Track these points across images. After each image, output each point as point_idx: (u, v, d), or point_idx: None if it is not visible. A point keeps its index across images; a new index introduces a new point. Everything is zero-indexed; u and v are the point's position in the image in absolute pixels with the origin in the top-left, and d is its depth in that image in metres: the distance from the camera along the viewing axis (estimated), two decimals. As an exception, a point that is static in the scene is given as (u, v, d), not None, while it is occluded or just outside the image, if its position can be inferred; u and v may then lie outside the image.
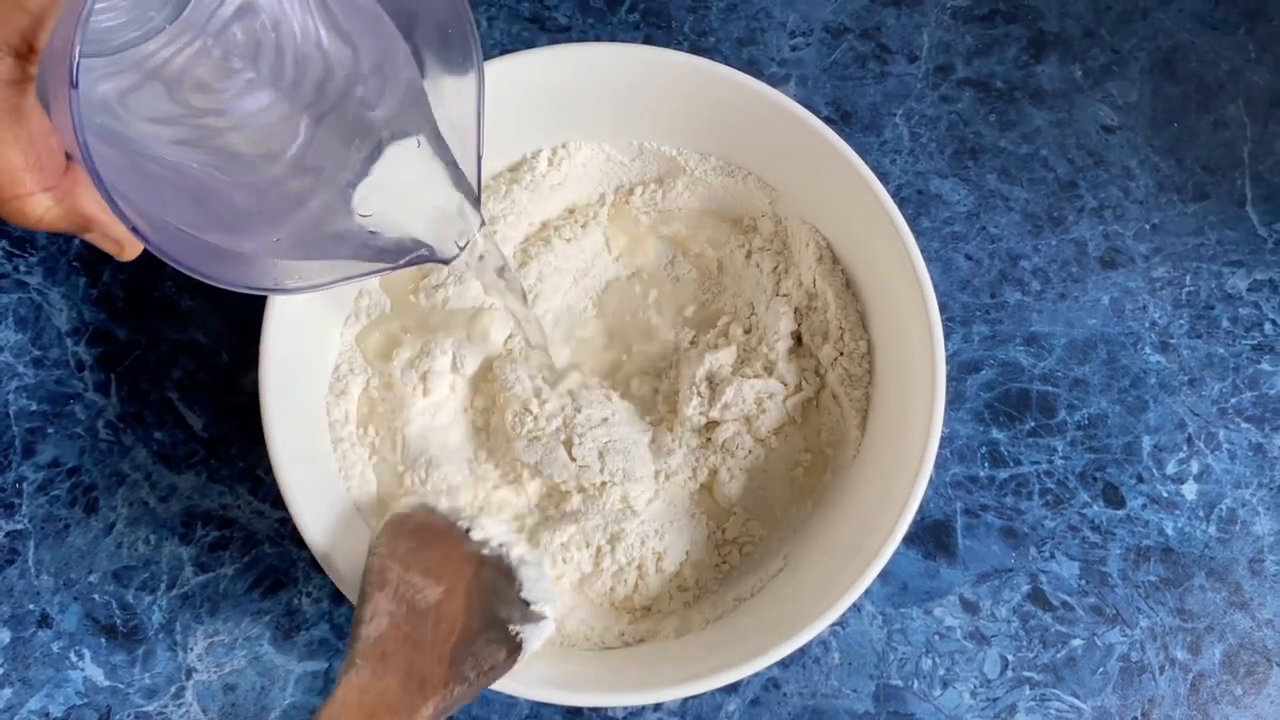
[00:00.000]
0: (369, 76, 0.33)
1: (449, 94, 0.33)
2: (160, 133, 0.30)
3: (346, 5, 0.32)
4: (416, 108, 0.33)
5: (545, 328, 0.49)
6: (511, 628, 0.41)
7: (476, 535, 0.45)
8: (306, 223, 0.33)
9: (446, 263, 0.35)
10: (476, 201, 0.35)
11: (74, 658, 0.48)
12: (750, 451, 0.49)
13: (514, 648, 0.41)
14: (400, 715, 0.37)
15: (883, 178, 0.47)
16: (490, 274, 0.39)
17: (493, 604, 0.42)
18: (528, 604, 0.43)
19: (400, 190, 0.34)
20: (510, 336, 0.49)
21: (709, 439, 0.49)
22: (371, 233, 0.34)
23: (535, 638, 0.42)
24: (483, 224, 0.36)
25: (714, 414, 0.48)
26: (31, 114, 0.28)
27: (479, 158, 0.34)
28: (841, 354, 0.49)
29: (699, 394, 0.48)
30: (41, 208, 0.29)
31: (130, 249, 0.33)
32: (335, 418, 0.47)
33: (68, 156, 0.29)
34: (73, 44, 0.24)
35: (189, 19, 0.29)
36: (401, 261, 0.34)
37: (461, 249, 0.36)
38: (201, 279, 0.29)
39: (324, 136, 0.32)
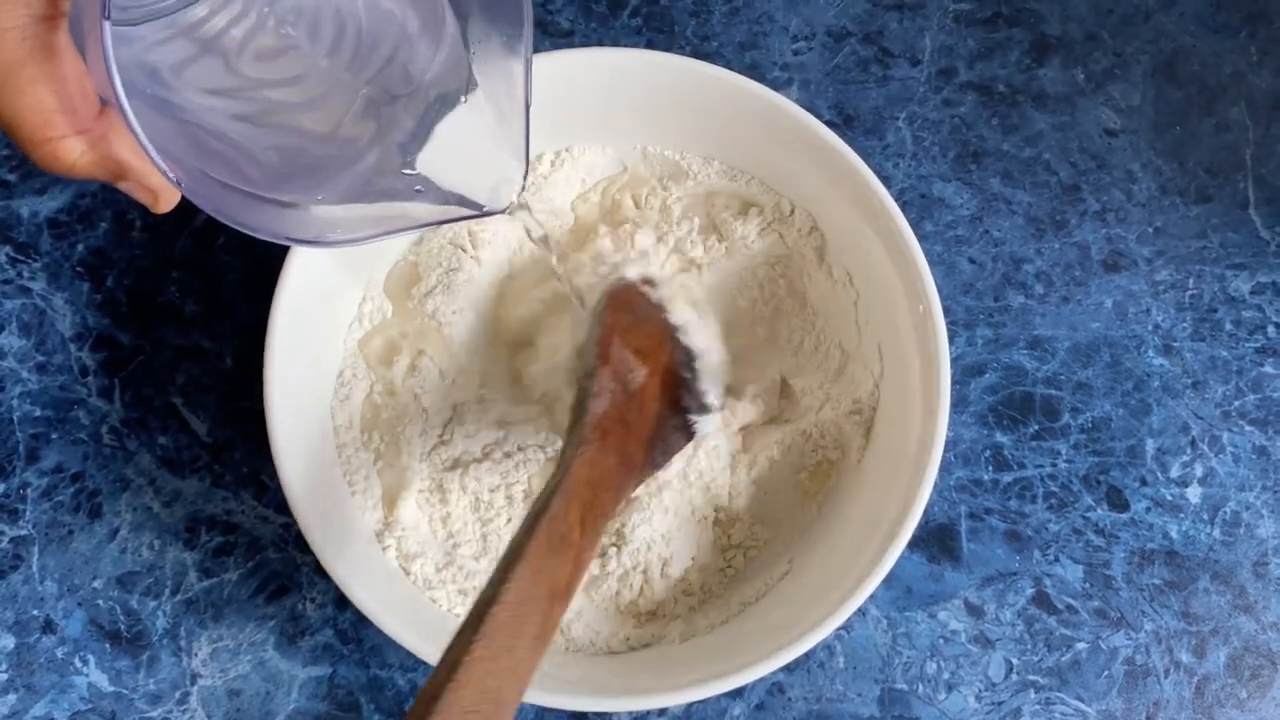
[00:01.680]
0: (416, 38, 0.33)
1: (496, 49, 0.33)
2: (215, 104, 0.29)
3: None
4: (464, 68, 0.33)
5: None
6: (690, 417, 0.44)
7: (673, 319, 0.46)
8: (354, 180, 0.32)
9: (492, 214, 0.35)
10: (524, 156, 0.34)
11: (78, 664, 0.48)
12: (755, 462, 0.49)
13: (689, 435, 0.45)
14: (613, 492, 0.39)
15: (885, 181, 0.47)
16: (530, 221, 0.39)
17: (679, 391, 0.44)
18: (703, 393, 0.45)
19: (446, 146, 0.33)
20: None
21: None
22: (417, 190, 0.33)
23: (705, 427, 0.45)
24: (524, 184, 0.35)
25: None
26: (64, 53, 0.26)
27: (527, 109, 0.34)
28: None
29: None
30: (76, 153, 0.28)
31: (165, 200, 0.31)
32: (340, 423, 0.47)
33: (103, 102, 0.28)
34: None
35: None
36: (446, 217, 0.34)
37: (506, 204, 0.35)
38: (240, 228, 0.28)
39: (374, 98, 0.32)
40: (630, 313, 0.45)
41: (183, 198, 0.29)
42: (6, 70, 0.25)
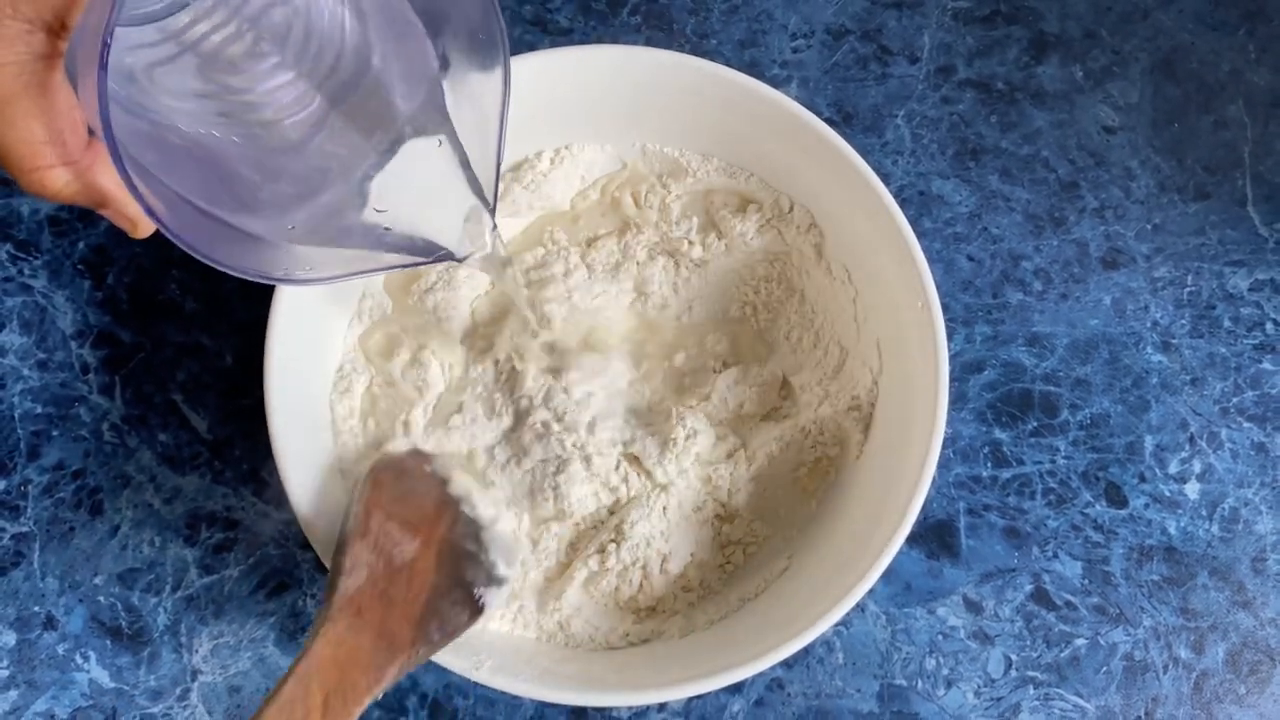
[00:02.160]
0: (394, 70, 0.33)
1: (473, 93, 0.33)
2: (185, 107, 0.30)
3: (378, 3, 0.32)
4: (439, 107, 0.33)
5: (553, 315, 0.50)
6: (476, 590, 0.42)
7: (453, 490, 0.45)
8: (322, 211, 0.33)
9: (459, 261, 0.35)
10: (491, 205, 0.35)
11: (79, 660, 0.48)
12: (754, 458, 0.49)
13: (476, 610, 0.42)
14: (369, 673, 0.37)
15: (884, 179, 0.47)
16: (496, 269, 0.39)
17: (461, 564, 0.43)
18: (492, 565, 0.44)
19: (416, 189, 0.34)
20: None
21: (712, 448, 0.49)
22: (386, 229, 0.34)
23: (495, 601, 0.43)
24: (494, 227, 0.36)
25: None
26: (58, 89, 0.28)
27: (498, 161, 0.34)
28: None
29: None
30: (60, 181, 0.29)
31: (143, 227, 0.33)
32: (339, 414, 0.47)
33: (91, 131, 0.29)
34: (105, 27, 0.24)
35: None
36: (412, 260, 0.34)
37: (473, 251, 0.36)
38: (212, 264, 0.29)
39: (345, 125, 0.32)
40: (399, 484, 0.44)
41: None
42: (2, 103, 0.27)
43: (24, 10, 0.26)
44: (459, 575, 0.42)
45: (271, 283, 0.33)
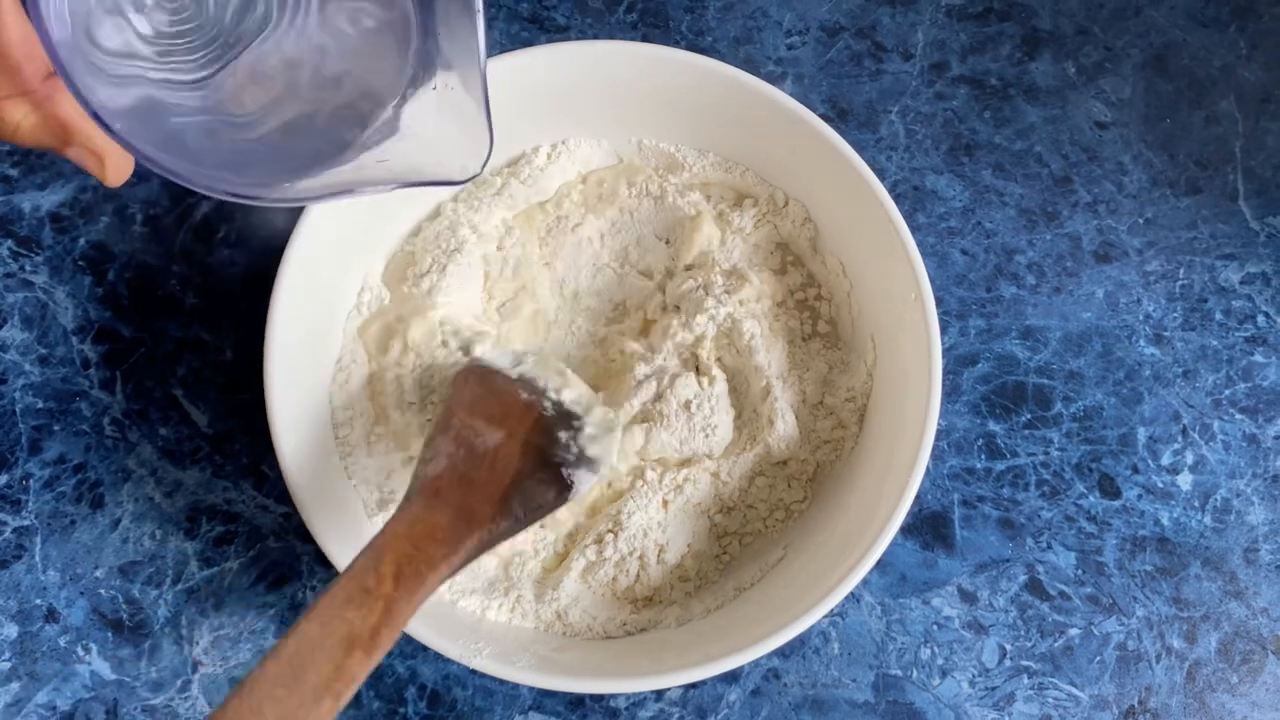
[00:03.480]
0: (396, 20, 0.33)
1: (458, 31, 0.33)
2: (170, 76, 0.29)
3: None
4: (431, 60, 0.34)
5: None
6: (565, 470, 0.43)
7: (540, 384, 0.46)
8: (314, 153, 0.33)
9: (460, 183, 0.35)
10: (488, 127, 0.35)
11: (81, 652, 0.48)
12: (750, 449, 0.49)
13: (564, 488, 0.43)
14: (446, 545, 0.38)
15: (879, 174, 0.47)
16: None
17: (549, 448, 0.44)
18: (583, 448, 0.45)
19: (416, 118, 0.34)
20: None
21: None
22: (382, 160, 0.34)
23: (585, 482, 0.44)
24: (491, 149, 0.36)
25: (690, 332, 0.49)
26: (8, 15, 0.27)
27: (484, 87, 0.34)
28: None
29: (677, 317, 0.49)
30: (19, 114, 0.28)
31: (112, 167, 0.31)
32: (338, 406, 0.48)
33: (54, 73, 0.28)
34: None
35: None
36: (408, 180, 0.34)
37: (476, 171, 0.36)
38: (188, 184, 0.28)
39: (340, 110, 0.33)
40: (483, 386, 0.45)
41: (136, 167, 0.29)
42: None
43: None
44: (546, 458, 0.44)
45: (259, 203, 0.32)
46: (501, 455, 0.43)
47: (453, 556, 0.39)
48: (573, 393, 0.46)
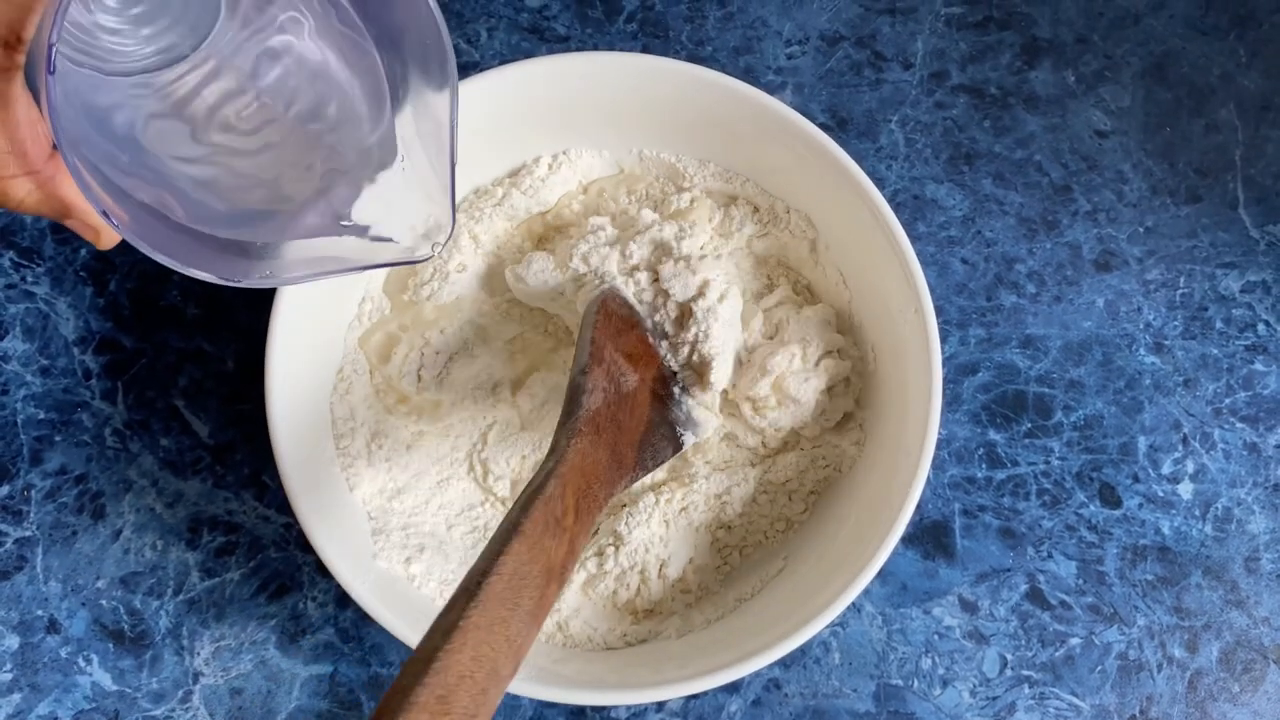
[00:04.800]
0: (367, 102, 0.34)
1: (431, 107, 0.34)
2: (177, 160, 0.31)
3: (343, 35, 0.33)
4: (398, 128, 0.34)
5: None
6: (678, 429, 0.46)
7: (657, 339, 0.47)
8: (293, 229, 0.33)
9: (418, 263, 0.36)
10: (451, 208, 0.35)
11: (82, 663, 0.48)
12: (751, 463, 0.49)
13: (677, 445, 0.46)
14: (606, 485, 0.40)
15: (879, 183, 0.47)
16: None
17: (667, 403, 0.46)
18: (690, 409, 0.46)
19: (381, 197, 0.35)
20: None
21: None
22: (351, 236, 0.35)
23: (690, 439, 0.46)
24: (453, 229, 0.36)
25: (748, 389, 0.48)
26: (17, 101, 0.28)
27: (452, 166, 0.35)
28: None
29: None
30: (23, 191, 0.30)
31: (107, 237, 0.33)
32: (339, 416, 0.48)
33: (54, 146, 0.30)
34: (50, 30, 0.25)
35: (211, 48, 0.30)
36: (378, 261, 0.35)
37: (432, 254, 0.36)
38: (178, 268, 0.29)
39: (326, 158, 0.33)
40: (620, 319, 0.46)
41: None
42: None
43: None
44: (665, 413, 0.45)
45: (239, 286, 0.33)
46: (638, 400, 0.44)
47: (606, 501, 0.39)
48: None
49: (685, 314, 0.47)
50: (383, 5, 0.33)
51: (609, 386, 0.43)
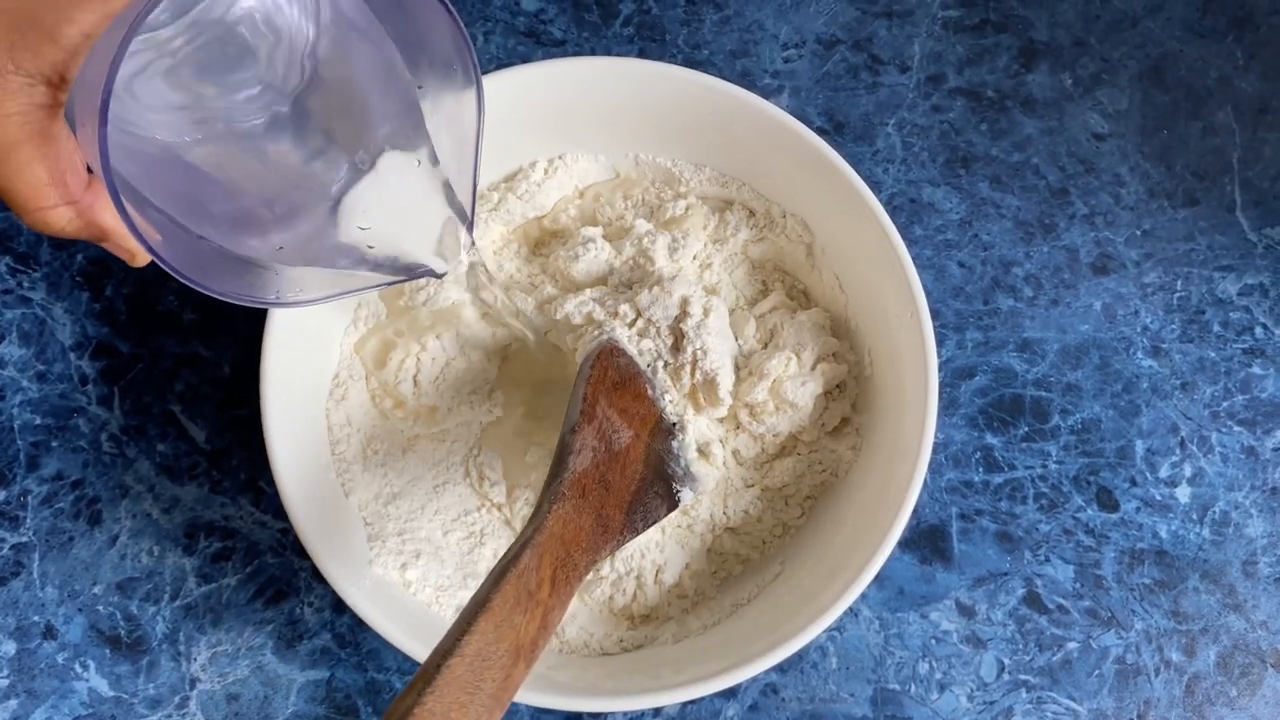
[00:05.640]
0: (370, 89, 0.34)
1: (450, 115, 0.35)
2: (163, 119, 0.31)
3: (349, 23, 0.33)
4: (416, 125, 0.34)
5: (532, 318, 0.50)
6: (674, 485, 0.44)
7: (658, 391, 0.46)
8: (306, 229, 0.34)
9: (438, 276, 0.37)
10: (469, 221, 0.36)
11: (79, 669, 0.48)
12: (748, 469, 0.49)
13: (672, 504, 0.44)
14: (587, 554, 0.39)
15: (875, 187, 0.47)
16: (477, 279, 0.41)
17: (665, 459, 0.44)
18: (689, 463, 0.45)
19: (396, 207, 0.35)
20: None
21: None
22: (369, 248, 0.35)
23: (688, 496, 0.45)
24: (473, 243, 0.37)
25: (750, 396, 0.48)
26: (59, 136, 0.30)
27: (474, 179, 0.35)
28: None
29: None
30: (64, 219, 0.31)
31: (140, 258, 0.35)
32: (335, 422, 0.48)
33: (89, 170, 0.32)
34: (105, 85, 0.26)
35: (201, 14, 0.30)
36: (397, 276, 0.35)
37: (450, 268, 0.37)
38: (206, 292, 0.31)
39: (328, 147, 0.33)
40: (617, 372, 0.45)
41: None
42: (7, 149, 0.29)
43: (26, 66, 0.28)
44: (662, 469, 0.44)
45: (263, 306, 0.34)
46: (631, 458, 0.43)
47: (588, 569, 0.38)
48: (676, 410, 0.46)
49: (678, 336, 0.46)
50: (401, 11, 0.33)
51: (599, 445, 0.42)
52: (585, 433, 0.41)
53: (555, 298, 0.49)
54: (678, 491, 0.44)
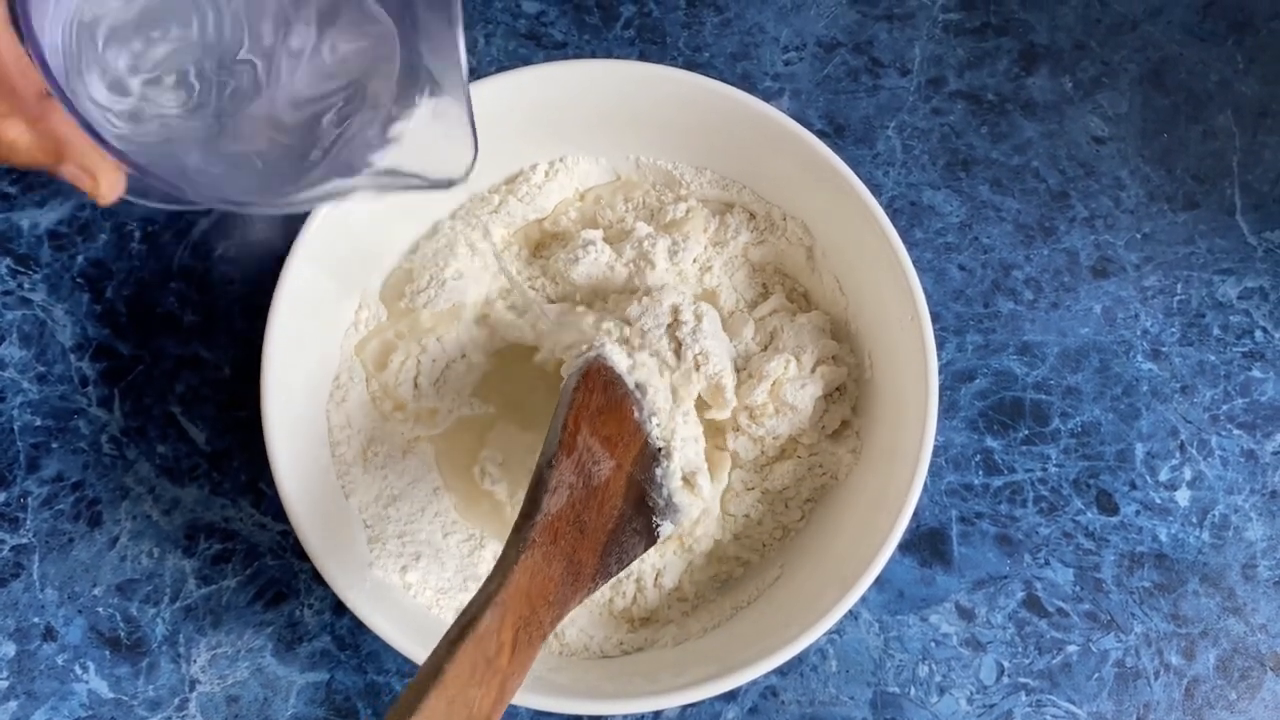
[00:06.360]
0: (386, 50, 0.34)
1: (440, 48, 0.34)
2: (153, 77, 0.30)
3: None
4: (417, 70, 0.34)
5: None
6: (655, 519, 0.41)
7: (646, 409, 0.43)
8: (304, 166, 0.33)
9: (448, 187, 0.35)
10: (473, 134, 0.35)
11: (78, 670, 0.48)
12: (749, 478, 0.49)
13: (650, 540, 0.41)
14: (553, 608, 0.36)
15: (875, 190, 0.48)
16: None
17: (646, 490, 0.41)
18: (671, 494, 0.42)
19: (401, 135, 0.34)
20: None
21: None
22: (369, 170, 0.34)
23: (667, 529, 0.41)
24: (476, 153, 0.36)
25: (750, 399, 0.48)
26: (1, 36, 0.28)
27: (467, 95, 0.34)
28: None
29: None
30: (14, 132, 0.29)
31: (105, 183, 0.31)
32: (335, 424, 0.48)
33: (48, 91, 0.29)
34: None
35: None
36: (395, 185, 0.34)
37: (456, 180, 0.36)
38: (182, 195, 0.29)
39: (344, 101, 0.33)
40: (606, 394, 0.42)
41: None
42: None
43: None
44: (642, 502, 0.41)
45: (246, 210, 0.31)
46: (610, 493, 0.39)
47: (555, 625, 0.36)
48: (669, 424, 0.42)
49: (677, 344, 0.45)
50: None
51: (576, 481, 0.39)
52: (563, 467, 0.39)
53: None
54: (657, 525, 0.41)
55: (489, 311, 0.50)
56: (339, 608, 0.49)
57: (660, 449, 0.43)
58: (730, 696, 0.50)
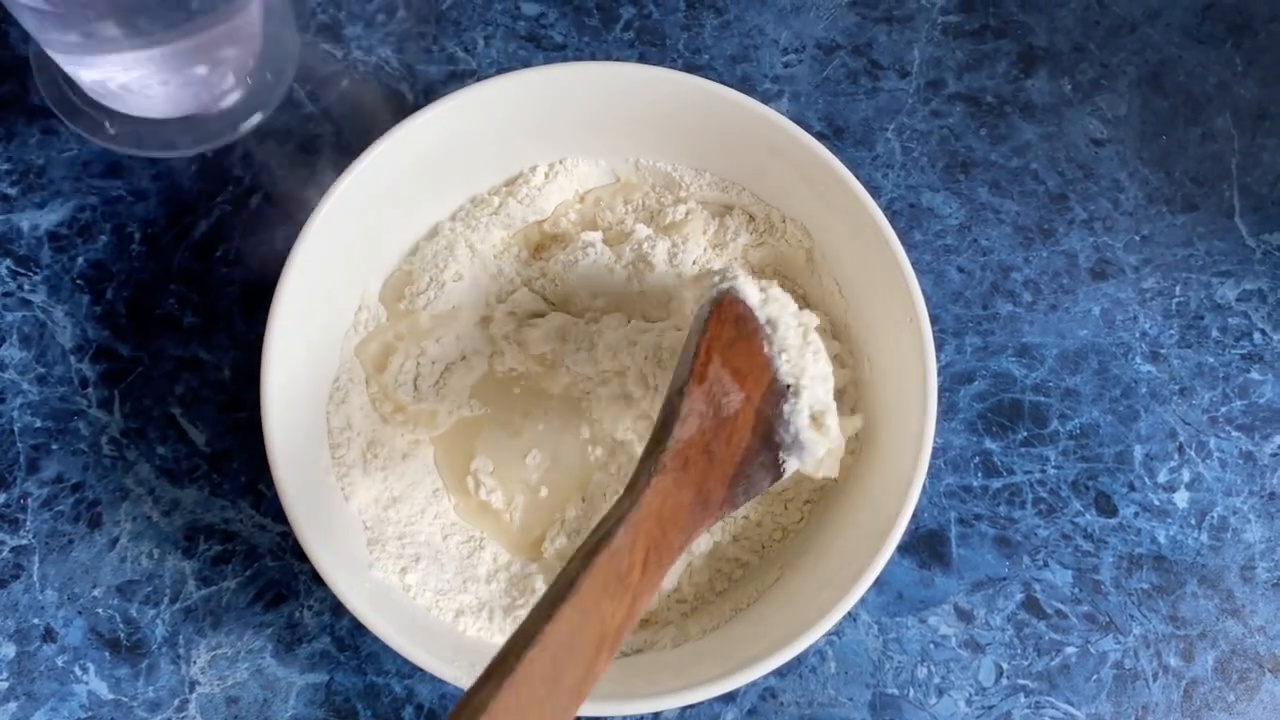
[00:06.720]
0: None
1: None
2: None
3: None
4: None
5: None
6: (781, 454, 0.40)
7: (777, 344, 0.41)
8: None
9: None
10: None
11: (78, 671, 0.48)
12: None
13: (777, 474, 0.40)
14: (683, 531, 0.36)
15: (875, 192, 0.48)
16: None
17: (773, 425, 0.40)
18: (798, 430, 0.41)
19: None
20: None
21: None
22: None
23: (793, 466, 0.41)
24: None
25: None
26: None
27: None
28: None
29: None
30: None
31: None
32: (335, 426, 0.48)
33: None
34: None
35: None
36: None
37: None
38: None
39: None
40: (735, 328, 0.41)
41: None
42: None
43: None
44: (770, 435, 0.40)
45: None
46: (739, 425, 0.39)
47: (683, 548, 0.35)
48: (809, 365, 0.41)
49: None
50: None
51: (707, 410, 0.38)
52: (694, 396, 0.38)
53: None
54: (783, 461, 0.40)
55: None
56: (339, 609, 0.50)
57: (789, 385, 0.41)
58: (729, 698, 0.50)
